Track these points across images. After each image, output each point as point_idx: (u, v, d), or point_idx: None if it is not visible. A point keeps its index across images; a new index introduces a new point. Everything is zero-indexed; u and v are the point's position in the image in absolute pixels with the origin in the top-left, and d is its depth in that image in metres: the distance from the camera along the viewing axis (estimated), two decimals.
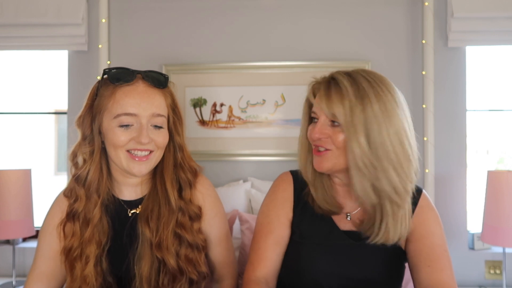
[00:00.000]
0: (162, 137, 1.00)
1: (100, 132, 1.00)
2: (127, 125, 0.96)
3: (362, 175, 0.94)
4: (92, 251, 1.00)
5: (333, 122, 0.97)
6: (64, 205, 1.04)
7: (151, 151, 0.99)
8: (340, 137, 0.96)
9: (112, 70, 0.98)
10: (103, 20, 2.04)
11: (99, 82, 1.01)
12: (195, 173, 1.09)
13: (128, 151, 0.97)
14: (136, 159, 0.98)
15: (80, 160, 1.02)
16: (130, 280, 1.02)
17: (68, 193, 1.04)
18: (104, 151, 1.02)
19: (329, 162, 0.98)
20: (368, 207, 0.99)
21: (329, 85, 0.98)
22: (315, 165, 1.01)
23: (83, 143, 1.01)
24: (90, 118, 1.00)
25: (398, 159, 0.93)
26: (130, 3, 2.13)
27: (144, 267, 1.00)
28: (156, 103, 0.99)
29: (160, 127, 1.00)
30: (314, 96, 1.02)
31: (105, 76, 1.00)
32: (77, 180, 1.02)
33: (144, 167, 0.99)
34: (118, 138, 0.96)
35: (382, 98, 0.94)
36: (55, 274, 1.02)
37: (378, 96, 0.94)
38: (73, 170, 1.03)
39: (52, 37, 2.10)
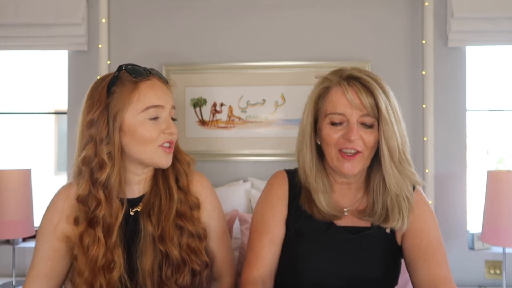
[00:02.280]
0: (176, 128, 1.04)
1: (120, 131, 0.98)
2: (155, 118, 0.99)
3: (395, 168, 0.98)
4: (119, 255, 0.99)
5: (362, 125, 0.98)
6: (63, 205, 1.04)
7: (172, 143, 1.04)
8: (373, 137, 0.99)
9: (128, 66, 1.00)
10: (103, 20, 2.04)
11: (109, 81, 0.99)
12: (188, 165, 1.12)
13: (160, 145, 1.00)
14: (167, 150, 1.01)
15: (95, 163, 0.98)
16: (132, 274, 1.03)
17: (82, 199, 1.00)
18: (122, 151, 1.01)
19: (361, 164, 1.00)
20: (385, 200, 1.02)
21: (350, 83, 0.99)
22: (346, 170, 0.99)
23: (100, 145, 0.97)
24: (105, 118, 0.97)
25: (408, 150, 1.01)
26: (130, 3, 2.13)
27: (146, 262, 1.01)
28: (172, 96, 1.05)
29: (175, 119, 1.06)
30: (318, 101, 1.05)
31: (121, 72, 1.00)
32: (95, 184, 0.98)
33: (170, 159, 1.04)
34: (149, 133, 0.98)
35: (390, 93, 1.00)
36: (54, 274, 1.02)
37: (389, 91, 1.00)
38: (88, 175, 0.98)
39: (52, 37, 2.10)
